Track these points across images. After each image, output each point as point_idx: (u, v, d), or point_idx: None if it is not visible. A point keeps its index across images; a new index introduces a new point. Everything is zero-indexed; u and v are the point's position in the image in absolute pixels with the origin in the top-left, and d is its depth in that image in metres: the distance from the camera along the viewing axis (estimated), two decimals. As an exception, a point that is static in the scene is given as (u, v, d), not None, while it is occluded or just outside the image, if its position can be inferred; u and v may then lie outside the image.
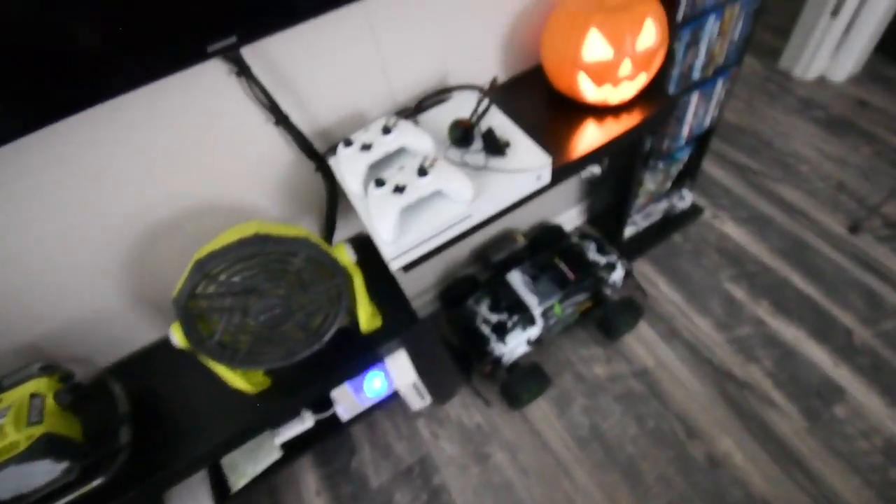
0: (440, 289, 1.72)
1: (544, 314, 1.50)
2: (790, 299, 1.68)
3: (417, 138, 0.95)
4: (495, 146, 0.97)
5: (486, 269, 1.65)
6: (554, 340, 1.69)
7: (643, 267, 1.82)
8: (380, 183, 0.86)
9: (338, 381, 1.11)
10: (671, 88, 1.34)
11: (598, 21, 0.98)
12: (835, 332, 1.60)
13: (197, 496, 1.26)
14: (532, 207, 1.75)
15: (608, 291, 1.62)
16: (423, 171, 0.86)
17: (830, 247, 1.77)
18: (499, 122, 1.04)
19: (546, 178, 0.99)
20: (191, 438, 1.03)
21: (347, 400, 1.26)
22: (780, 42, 2.34)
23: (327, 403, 1.34)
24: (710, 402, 1.52)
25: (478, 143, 0.99)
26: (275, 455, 1.31)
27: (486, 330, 1.51)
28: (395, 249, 0.86)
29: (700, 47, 1.30)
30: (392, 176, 0.87)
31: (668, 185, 1.75)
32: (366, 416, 1.50)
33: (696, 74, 1.37)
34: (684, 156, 1.67)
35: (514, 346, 1.50)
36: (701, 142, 1.69)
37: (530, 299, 1.51)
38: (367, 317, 1.03)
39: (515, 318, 1.48)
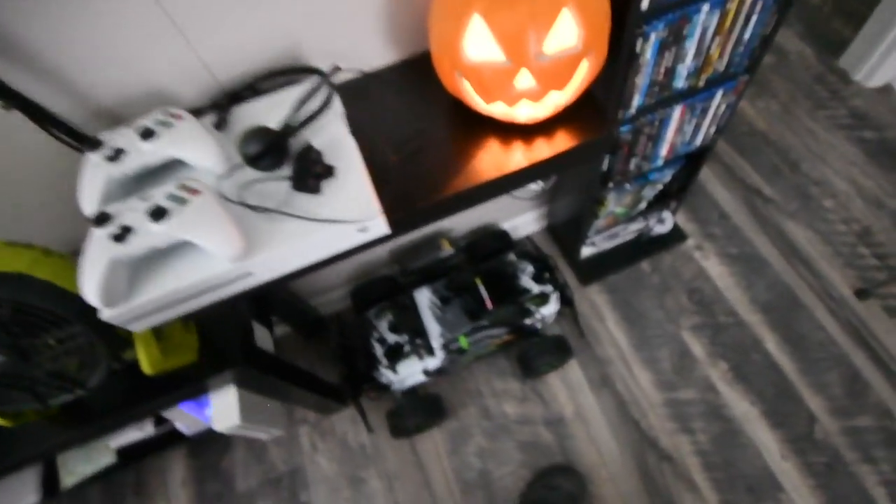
0: (352, 286, 1.47)
1: (446, 346, 1.24)
2: (755, 367, 1.35)
3: (196, 150, 0.65)
4: (307, 175, 0.67)
5: (404, 276, 1.39)
6: (466, 366, 1.44)
7: (595, 294, 1.51)
8: (103, 219, 0.58)
9: (131, 420, 0.91)
10: (635, 101, 0.97)
11: (483, 6, 0.63)
12: (795, 418, 1.29)
13: (23, 490, 1.12)
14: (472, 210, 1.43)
15: (535, 325, 1.33)
16: (158, 213, 0.58)
17: (826, 310, 1.40)
18: (333, 134, 0.72)
19: (378, 230, 0.69)
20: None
21: (186, 419, 1.07)
22: (851, 32, 1.81)
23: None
24: (621, 471, 1.27)
25: (288, 166, 0.69)
26: (109, 459, 1.15)
27: (378, 350, 1.27)
28: (113, 315, 0.60)
29: (685, 48, 0.91)
30: (128, 210, 0.59)
31: (642, 206, 1.39)
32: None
33: (681, 83, 0.99)
34: (663, 177, 1.29)
35: (407, 375, 1.26)
36: (692, 161, 1.30)
37: (433, 327, 1.24)
38: (151, 359, 0.80)
39: (414, 343, 1.23)
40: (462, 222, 1.46)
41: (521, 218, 1.56)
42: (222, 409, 1.00)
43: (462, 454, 1.33)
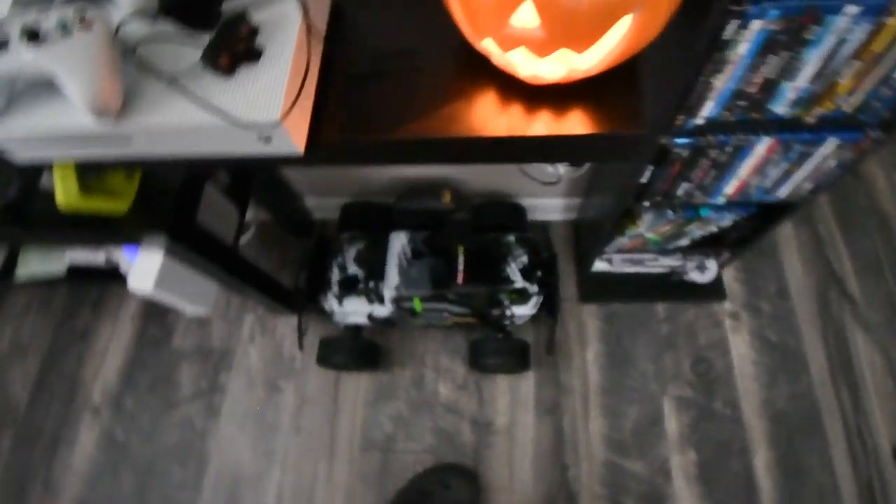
0: (346, 201, 1.34)
1: (398, 301, 1.10)
2: (728, 476, 1.12)
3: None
4: (223, 50, 0.51)
5: (395, 211, 1.24)
6: (418, 328, 1.30)
7: (588, 316, 1.29)
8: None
9: (44, 241, 0.87)
10: (707, 109, 0.71)
11: None
12: (744, 549, 1.06)
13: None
14: (491, 171, 1.23)
15: (502, 321, 1.15)
16: (33, 36, 0.46)
17: (847, 454, 1.11)
18: (285, 13, 0.55)
19: (284, 146, 0.54)
20: None
21: (125, 263, 1.03)
22: None
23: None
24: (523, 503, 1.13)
25: (210, 31, 0.53)
26: (60, 269, 1.16)
27: (335, 276, 1.16)
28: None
29: (802, 60, 0.63)
30: (19, 18, 0.48)
31: (683, 242, 1.12)
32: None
33: (780, 108, 0.71)
34: (720, 219, 1.01)
35: (351, 312, 1.15)
36: (767, 214, 1.01)
37: (391, 277, 1.10)
38: (65, 195, 0.73)
39: (367, 284, 1.11)
40: (477, 179, 1.27)
41: (545, 201, 1.34)
42: (142, 269, 0.93)
43: (378, 411, 1.24)
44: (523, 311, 1.12)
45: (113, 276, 1.23)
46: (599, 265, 1.26)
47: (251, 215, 1.37)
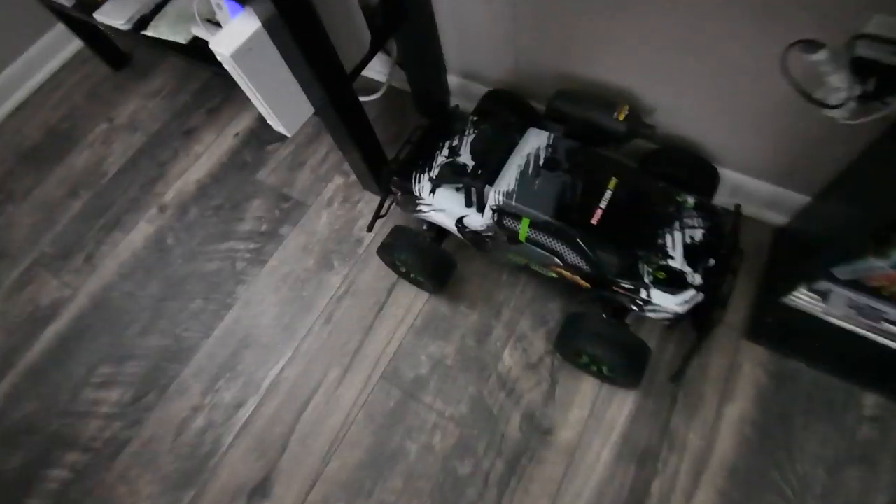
0: (491, 89, 1.05)
1: (500, 214, 0.79)
2: None
3: None
4: None
5: (550, 110, 0.90)
6: (508, 265, 0.98)
7: (747, 358, 0.86)
8: None
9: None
10: None
11: None
12: None
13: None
14: (704, 108, 0.83)
15: (625, 302, 0.79)
16: None
17: None
18: None
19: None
20: None
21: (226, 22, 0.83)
22: None
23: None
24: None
25: None
26: (183, 39, 1.03)
27: (440, 156, 0.88)
28: None
29: None
30: None
31: None
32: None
33: None
34: None
35: (440, 207, 0.86)
36: None
37: (507, 178, 0.78)
38: None
39: (475, 181, 0.80)
40: (675, 115, 0.88)
41: (752, 181, 0.90)
42: (233, 31, 0.74)
43: (421, 344, 0.95)
44: (667, 303, 0.74)
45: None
46: (800, 299, 0.81)
47: (387, 74, 1.13)
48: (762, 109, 0.77)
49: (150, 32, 1.07)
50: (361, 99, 0.93)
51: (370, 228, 0.99)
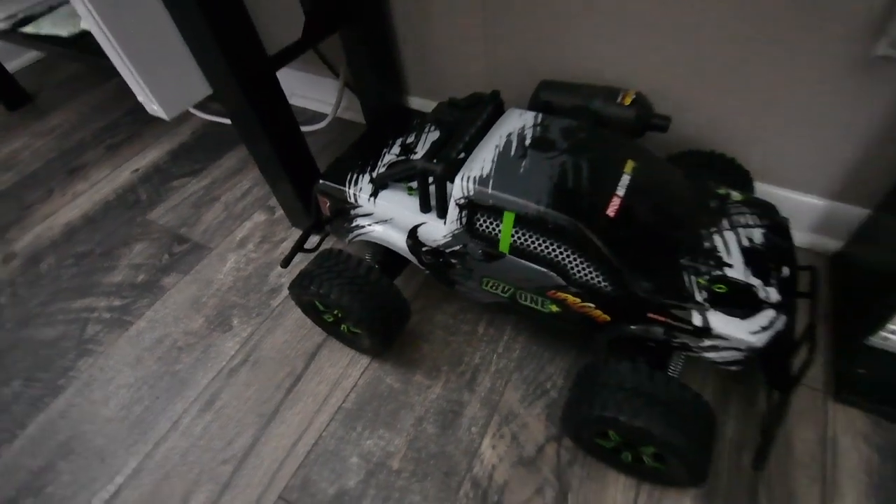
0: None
1: (470, 210, 0.51)
2: None
3: None
4: None
5: (539, 101, 0.68)
6: (485, 305, 0.68)
7: (845, 427, 0.55)
8: None
9: None
10: None
11: None
12: None
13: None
14: (696, 118, 0.63)
15: (671, 338, 0.49)
16: None
17: None
18: None
19: None
20: None
21: None
22: None
23: None
24: None
25: None
26: (66, 31, 0.80)
27: (387, 154, 0.62)
28: None
29: None
30: None
31: None
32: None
33: None
34: None
35: (383, 216, 0.58)
36: None
37: (478, 161, 0.52)
38: None
39: (430, 167, 0.53)
40: (694, 114, 0.68)
41: (790, 195, 0.68)
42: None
43: (352, 437, 0.58)
44: (735, 331, 0.45)
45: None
46: (883, 339, 0.55)
47: (333, 103, 0.92)
48: (805, 91, 0.57)
49: (28, 29, 0.84)
50: (303, 129, 0.69)
51: (285, 264, 0.68)
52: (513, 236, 0.50)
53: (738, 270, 0.48)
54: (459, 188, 0.50)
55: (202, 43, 0.55)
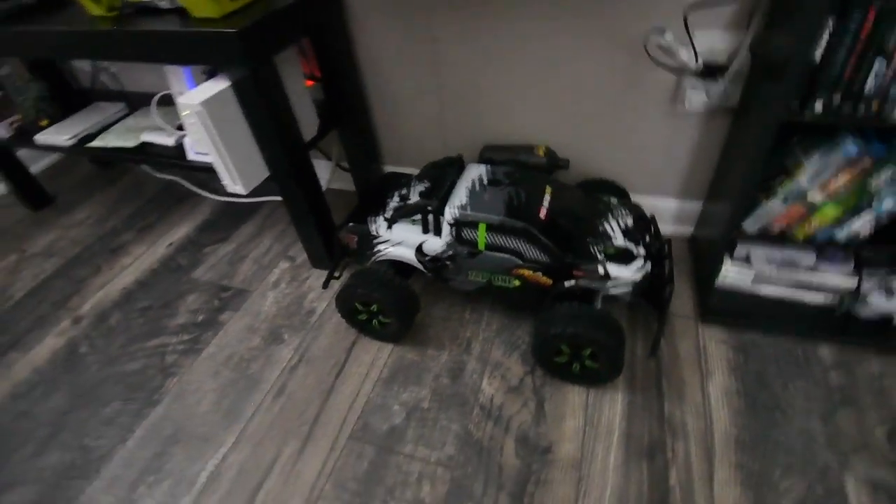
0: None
1: (458, 227, 0.81)
2: None
3: None
4: None
5: (482, 159, 1.01)
6: (470, 290, 0.96)
7: (711, 339, 0.87)
8: None
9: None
10: None
11: None
12: None
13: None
14: (596, 149, 1.00)
15: (589, 284, 0.80)
16: None
17: None
18: None
19: None
20: None
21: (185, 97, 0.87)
22: None
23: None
24: None
25: None
26: (132, 142, 1.05)
27: (391, 202, 0.92)
28: None
29: None
30: None
31: (864, 225, 0.75)
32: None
33: None
34: None
35: (398, 240, 0.87)
36: None
37: (458, 197, 0.83)
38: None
39: (426, 207, 0.83)
40: (580, 160, 1.03)
41: (655, 201, 1.04)
42: (201, 90, 0.78)
43: (391, 393, 0.84)
44: (623, 273, 0.76)
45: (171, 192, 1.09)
46: (731, 271, 0.88)
47: (326, 178, 1.22)
48: (646, 133, 0.95)
49: (96, 143, 1.09)
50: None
51: (325, 285, 0.94)
52: (486, 238, 0.80)
53: (619, 240, 0.80)
54: (449, 213, 0.80)
55: (268, 136, 0.84)
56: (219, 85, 0.79)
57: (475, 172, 0.88)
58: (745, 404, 0.77)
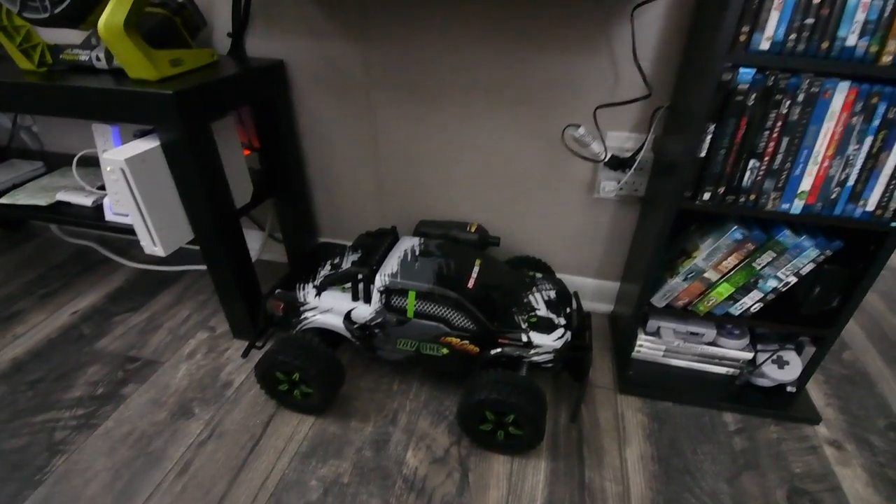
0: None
1: (387, 294, 0.88)
2: None
3: None
4: None
5: (417, 233, 1.11)
6: (398, 360, 1.00)
7: (627, 408, 0.96)
8: None
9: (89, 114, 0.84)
10: (772, 27, 0.68)
11: None
12: None
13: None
14: (525, 231, 1.15)
15: (513, 352, 0.88)
16: None
17: None
18: None
19: None
20: None
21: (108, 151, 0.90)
22: None
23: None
24: None
25: None
26: (44, 201, 1.07)
27: (323, 270, 0.99)
28: None
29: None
30: None
31: (754, 302, 0.90)
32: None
33: (850, 38, 0.67)
34: (799, 253, 0.83)
35: (326, 307, 0.92)
36: (855, 259, 0.83)
37: (390, 266, 0.91)
38: (135, 62, 0.75)
39: (357, 277, 0.90)
40: (508, 240, 1.17)
41: (578, 279, 1.18)
42: (127, 148, 0.84)
43: (309, 468, 0.84)
44: (544, 341, 0.85)
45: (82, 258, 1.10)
46: (644, 343, 1.00)
47: (257, 249, 1.28)
48: (568, 217, 1.10)
49: (4, 200, 1.09)
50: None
51: (246, 354, 0.96)
52: (416, 306, 0.87)
53: (542, 311, 0.90)
54: (379, 281, 0.88)
55: (196, 199, 0.90)
56: (147, 144, 0.86)
57: (408, 244, 0.98)
58: (659, 469, 0.85)
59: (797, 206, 0.79)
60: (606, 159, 0.99)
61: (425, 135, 1.09)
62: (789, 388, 0.95)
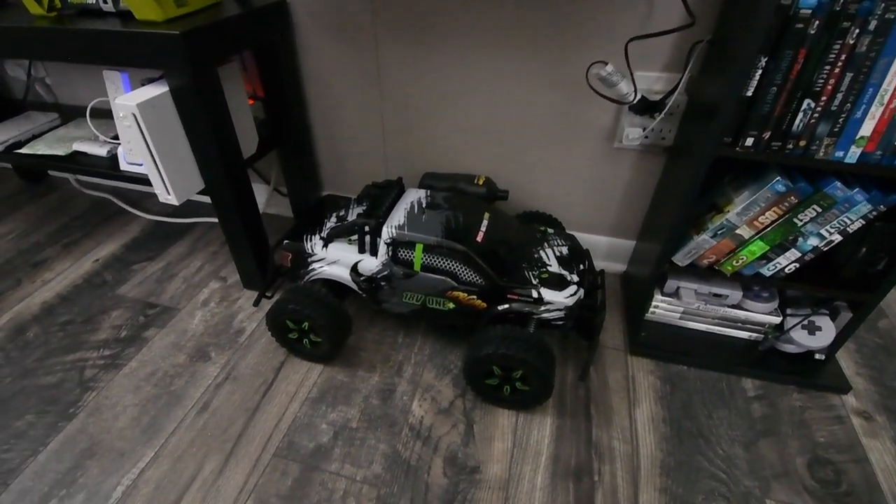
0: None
1: (394, 247, 0.97)
2: None
3: None
4: None
5: (422, 186, 1.19)
6: (404, 313, 1.11)
7: (640, 371, 1.03)
8: None
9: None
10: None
11: None
12: None
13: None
14: (535, 187, 1.20)
15: (522, 308, 0.96)
16: None
17: None
18: None
19: None
20: None
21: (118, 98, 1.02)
22: None
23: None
24: None
25: None
26: (63, 151, 1.21)
27: (330, 222, 1.09)
28: None
29: None
30: None
31: (790, 262, 0.94)
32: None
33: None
34: (849, 208, 0.85)
35: (334, 259, 1.02)
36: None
37: (396, 218, 1.00)
38: (140, 3, 0.84)
39: (364, 228, 1.00)
40: (519, 195, 1.23)
41: (590, 237, 1.23)
42: (138, 93, 0.95)
43: (319, 412, 0.97)
44: (556, 297, 0.93)
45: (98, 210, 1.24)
46: (661, 304, 1.06)
47: (263, 202, 1.39)
48: (583, 170, 1.15)
49: (24, 150, 1.23)
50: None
51: (257, 303, 1.09)
52: (422, 259, 0.96)
53: (554, 267, 0.97)
54: (386, 233, 0.97)
55: (206, 146, 1.00)
56: (157, 89, 0.96)
57: (414, 196, 1.06)
58: (670, 431, 0.93)
59: (853, 155, 0.79)
60: (636, 101, 1.01)
61: (434, 84, 1.14)
62: (818, 356, 1.00)
